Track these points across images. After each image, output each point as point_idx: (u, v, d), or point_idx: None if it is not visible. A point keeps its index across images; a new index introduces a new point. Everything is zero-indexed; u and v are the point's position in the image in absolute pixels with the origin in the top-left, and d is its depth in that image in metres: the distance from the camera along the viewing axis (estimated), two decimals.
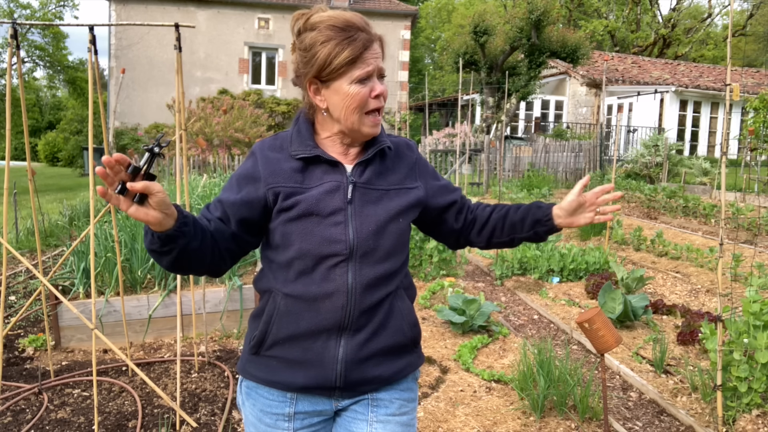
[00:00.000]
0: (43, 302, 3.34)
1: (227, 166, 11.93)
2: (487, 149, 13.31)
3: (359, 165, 1.28)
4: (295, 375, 1.25)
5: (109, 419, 2.77)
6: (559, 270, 5.41)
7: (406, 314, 1.33)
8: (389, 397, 1.32)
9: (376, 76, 1.23)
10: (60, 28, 38.43)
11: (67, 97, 46.11)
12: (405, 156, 1.38)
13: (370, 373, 1.27)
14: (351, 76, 1.20)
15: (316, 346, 1.24)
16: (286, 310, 1.24)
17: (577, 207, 1.35)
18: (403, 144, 1.41)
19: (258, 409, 1.30)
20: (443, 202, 1.42)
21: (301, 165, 1.26)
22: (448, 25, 39.17)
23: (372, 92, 1.22)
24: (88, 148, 4.29)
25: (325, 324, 1.22)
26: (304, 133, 1.29)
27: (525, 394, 2.90)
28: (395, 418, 1.31)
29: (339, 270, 1.22)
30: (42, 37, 37.64)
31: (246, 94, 19.05)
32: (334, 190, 1.24)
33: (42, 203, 10.22)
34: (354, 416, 1.31)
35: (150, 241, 1.08)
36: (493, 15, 16.68)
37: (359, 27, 1.20)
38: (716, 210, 7.99)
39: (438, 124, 25.81)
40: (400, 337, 1.31)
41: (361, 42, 1.19)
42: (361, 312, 1.24)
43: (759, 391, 2.63)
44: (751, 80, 22.23)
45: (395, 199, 1.30)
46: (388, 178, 1.32)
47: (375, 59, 1.22)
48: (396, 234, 1.29)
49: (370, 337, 1.26)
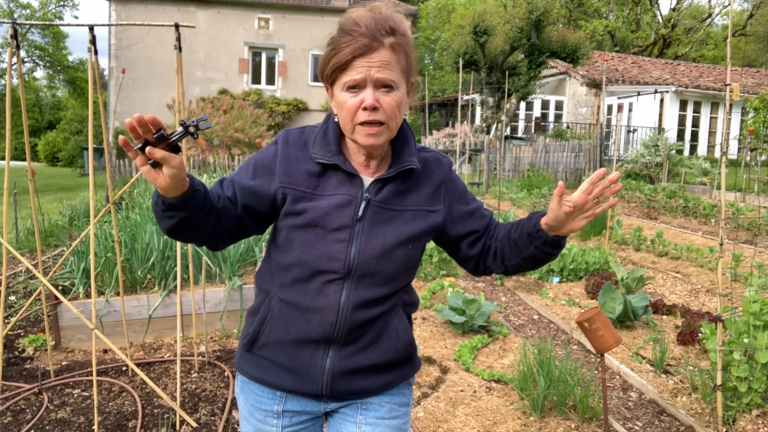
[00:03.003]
0: (43, 302, 3.34)
1: (227, 166, 11.93)
2: (487, 149, 13.31)
3: (378, 182, 1.21)
4: (284, 378, 1.25)
5: (109, 419, 2.77)
6: (559, 270, 5.41)
7: (402, 333, 1.28)
8: (379, 401, 1.30)
9: (371, 86, 1.11)
10: (60, 28, 38.44)
11: (67, 97, 46.12)
12: (433, 174, 1.28)
13: (357, 385, 1.25)
14: (341, 82, 1.13)
15: (303, 355, 1.23)
16: (279, 314, 1.23)
17: (567, 216, 1.16)
18: (433, 161, 1.29)
19: (250, 404, 1.31)
20: (462, 230, 1.30)
21: (319, 169, 1.20)
22: (448, 25, 39.16)
23: (361, 102, 1.12)
24: (88, 148, 4.29)
25: (314, 335, 1.21)
26: (330, 135, 1.22)
27: (525, 394, 2.89)
28: (385, 422, 1.29)
29: (333, 286, 1.19)
30: (42, 37, 37.67)
31: (246, 94, 19.06)
32: (344, 205, 1.18)
33: (42, 203, 10.22)
34: (344, 418, 1.30)
35: (155, 201, 1.08)
36: (493, 15, 16.70)
37: (363, 31, 1.10)
38: (716, 210, 7.99)
39: (438, 124, 25.82)
40: (392, 355, 1.27)
41: (352, 47, 1.09)
42: (351, 328, 1.21)
43: (759, 391, 2.63)
44: (751, 80, 22.23)
45: (410, 222, 1.22)
46: (407, 199, 1.23)
47: (368, 68, 1.10)
48: (403, 260, 1.23)
49: (360, 351, 1.23)
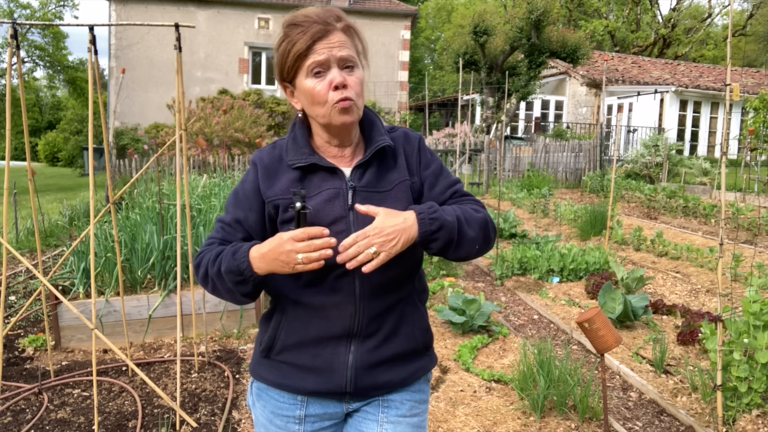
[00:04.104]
0: (43, 302, 3.34)
1: (227, 166, 11.93)
2: (487, 149, 13.31)
3: (358, 168, 1.24)
4: (306, 380, 1.24)
5: (109, 419, 2.77)
6: (559, 270, 5.41)
7: (418, 320, 1.30)
8: (400, 398, 1.30)
9: (336, 66, 1.15)
10: (60, 28, 38.43)
11: (67, 97, 46.10)
12: (404, 149, 1.30)
13: (380, 378, 1.26)
14: (305, 68, 1.16)
15: (325, 353, 1.22)
16: (295, 317, 1.23)
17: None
18: (400, 137, 1.32)
19: (269, 411, 1.29)
20: (438, 190, 1.30)
21: (298, 174, 1.22)
22: (448, 25, 39.17)
23: (331, 83, 1.15)
24: (88, 148, 4.29)
25: (334, 331, 1.21)
26: (299, 140, 1.25)
27: (525, 394, 2.89)
28: (406, 420, 1.30)
29: (346, 279, 1.19)
30: (42, 37, 37.63)
31: (246, 94, 19.04)
32: (333, 198, 1.20)
33: (42, 203, 10.22)
34: (365, 417, 1.30)
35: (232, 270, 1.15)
36: (493, 15, 16.69)
37: (314, 19, 1.15)
38: (716, 210, 7.99)
39: (438, 124, 25.82)
40: (411, 343, 1.28)
41: (309, 33, 1.13)
42: (371, 319, 1.22)
43: (759, 391, 2.63)
44: (751, 80, 22.23)
45: (400, 198, 1.24)
46: (388, 177, 1.26)
47: (329, 48, 1.14)
48: None
49: (381, 343, 1.24)
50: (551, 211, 9.05)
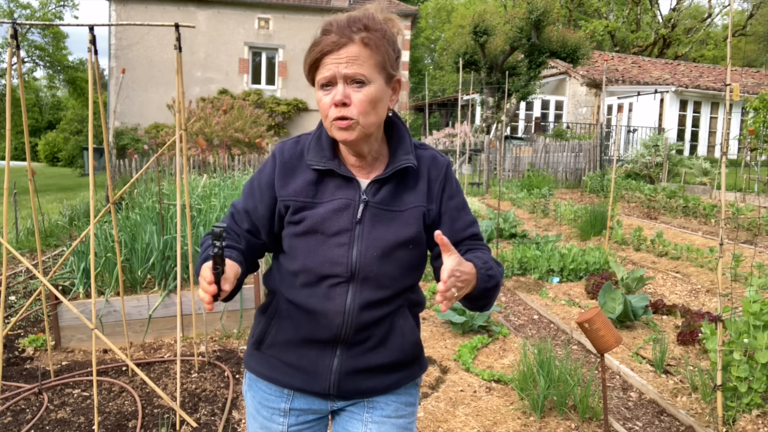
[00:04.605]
0: (43, 302, 3.33)
1: (227, 166, 11.93)
2: (487, 149, 13.31)
3: (375, 182, 1.21)
4: (292, 377, 1.26)
5: (109, 419, 2.77)
6: (559, 270, 5.41)
7: (408, 333, 1.28)
8: (385, 399, 1.31)
9: (342, 82, 1.12)
10: (60, 28, 38.43)
11: (67, 97, 46.12)
12: (429, 173, 1.26)
13: (364, 384, 1.26)
14: (317, 81, 1.16)
15: (311, 355, 1.24)
16: (288, 315, 1.25)
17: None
18: (428, 158, 1.27)
19: (257, 401, 1.32)
20: (459, 227, 1.27)
21: (315, 176, 1.21)
22: (448, 25, 39.18)
23: (333, 99, 1.13)
24: (88, 148, 4.29)
25: (322, 336, 1.22)
26: (323, 140, 1.23)
27: (525, 394, 2.89)
28: (391, 420, 1.30)
29: (339, 290, 1.20)
30: (42, 37, 37.64)
31: (246, 94, 19.04)
32: (342, 209, 1.19)
33: (42, 203, 10.22)
34: (350, 416, 1.31)
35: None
36: (493, 15, 16.70)
37: (334, 30, 1.12)
38: (716, 210, 7.99)
39: (438, 124, 25.83)
40: (399, 355, 1.28)
41: (320, 46, 1.12)
42: (358, 329, 1.22)
43: (759, 391, 2.63)
44: (751, 80, 22.23)
45: (410, 222, 1.21)
46: (405, 198, 1.22)
47: (336, 64, 1.11)
48: (405, 260, 1.22)
49: (367, 352, 1.24)
50: (551, 211, 9.06)
